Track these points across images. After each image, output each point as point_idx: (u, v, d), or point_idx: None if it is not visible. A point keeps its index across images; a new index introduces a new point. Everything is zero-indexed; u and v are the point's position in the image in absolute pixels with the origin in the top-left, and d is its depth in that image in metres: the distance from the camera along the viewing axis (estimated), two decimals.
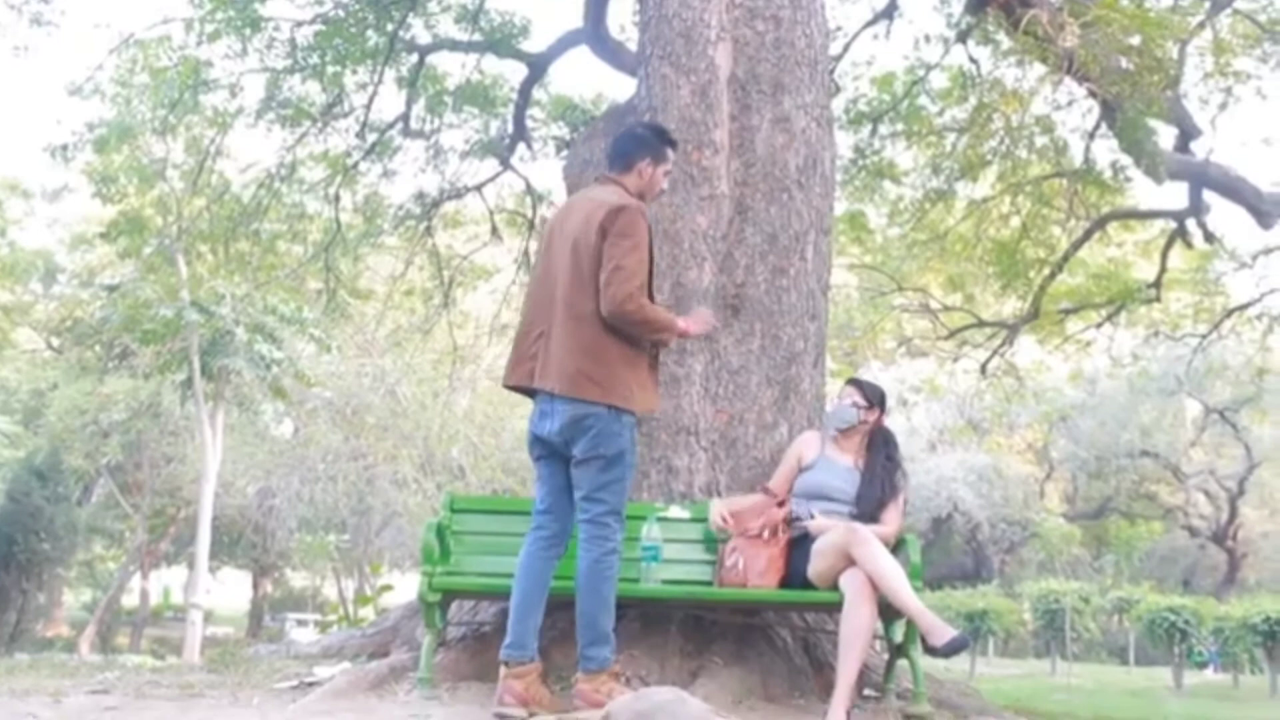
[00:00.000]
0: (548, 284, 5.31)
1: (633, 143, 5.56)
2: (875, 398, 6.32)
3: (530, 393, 5.32)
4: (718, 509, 6.11)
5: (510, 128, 13.84)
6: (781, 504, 6.07)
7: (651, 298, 5.22)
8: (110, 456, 33.00)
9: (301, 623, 38.36)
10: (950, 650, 5.25)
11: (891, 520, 6.02)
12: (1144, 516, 41.82)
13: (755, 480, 6.42)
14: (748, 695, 5.74)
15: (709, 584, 6.06)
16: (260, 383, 27.38)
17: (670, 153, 5.60)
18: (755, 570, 5.84)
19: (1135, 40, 11.50)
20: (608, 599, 5.12)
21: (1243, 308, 19.34)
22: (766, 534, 5.92)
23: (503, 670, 5.19)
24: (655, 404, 5.32)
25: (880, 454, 6.21)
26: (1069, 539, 38.43)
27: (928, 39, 14.75)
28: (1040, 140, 14.44)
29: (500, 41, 13.15)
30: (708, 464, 6.54)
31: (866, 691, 5.92)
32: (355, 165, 14.57)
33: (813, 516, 5.95)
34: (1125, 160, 13.64)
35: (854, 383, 6.43)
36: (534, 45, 13.25)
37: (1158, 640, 26.28)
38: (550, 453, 5.29)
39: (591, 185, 5.67)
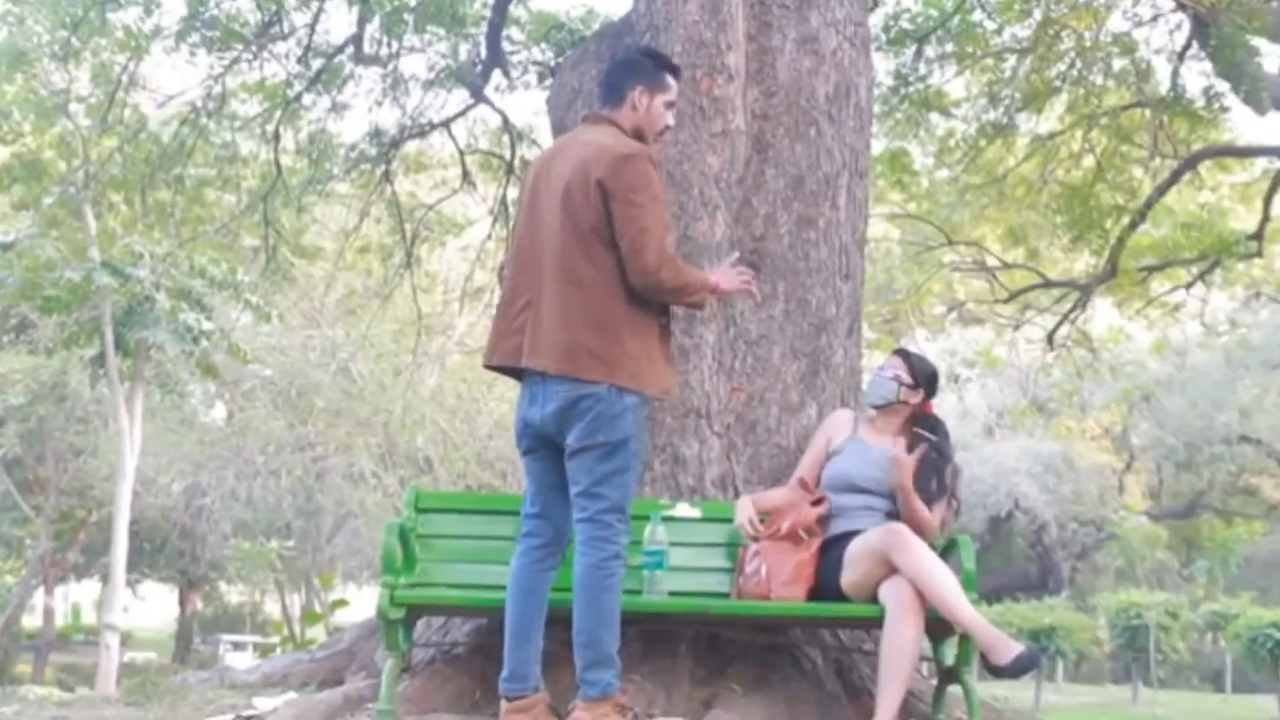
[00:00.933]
0: (534, 245, 5.30)
1: (623, 70, 5.56)
2: (923, 377, 6.32)
3: (517, 374, 5.32)
4: (746, 510, 6.10)
5: (483, 52, 13.80)
6: (818, 501, 6.07)
7: None
8: (6, 449, 32.98)
9: (238, 646, 38.44)
10: (1017, 669, 5.26)
11: (935, 512, 6.02)
12: (1243, 515, 41.83)
13: (778, 472, 6.44)
14: None
15: (725, 595, 6.09)
16: (186, 359, 27.29)
17: (670, 80, 5.57)
18: (780, 578, 5.85)
19: None
20: (610, 612, 5.11)
21: None
22: (803, 534, 5.92)
23: (503, 706, 5.23)
24: (668, 382, 5.32)
25: (920, 438, 6.21)
26: (1153, 541, 38.42)
27: None
28: (1119, 63, 14.41)
29: None
30: (722, 452, 6.56)
31: None
32: (298, 97, 14.54)
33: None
34: (1221, 86, 13.61)
35: (902, 354, 6.43)
36: None
37: (1260, 663, 26.31)
38: (542, 444, 5.30)
39: (580, 126, 5.66)
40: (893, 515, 5.96)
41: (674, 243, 6.64)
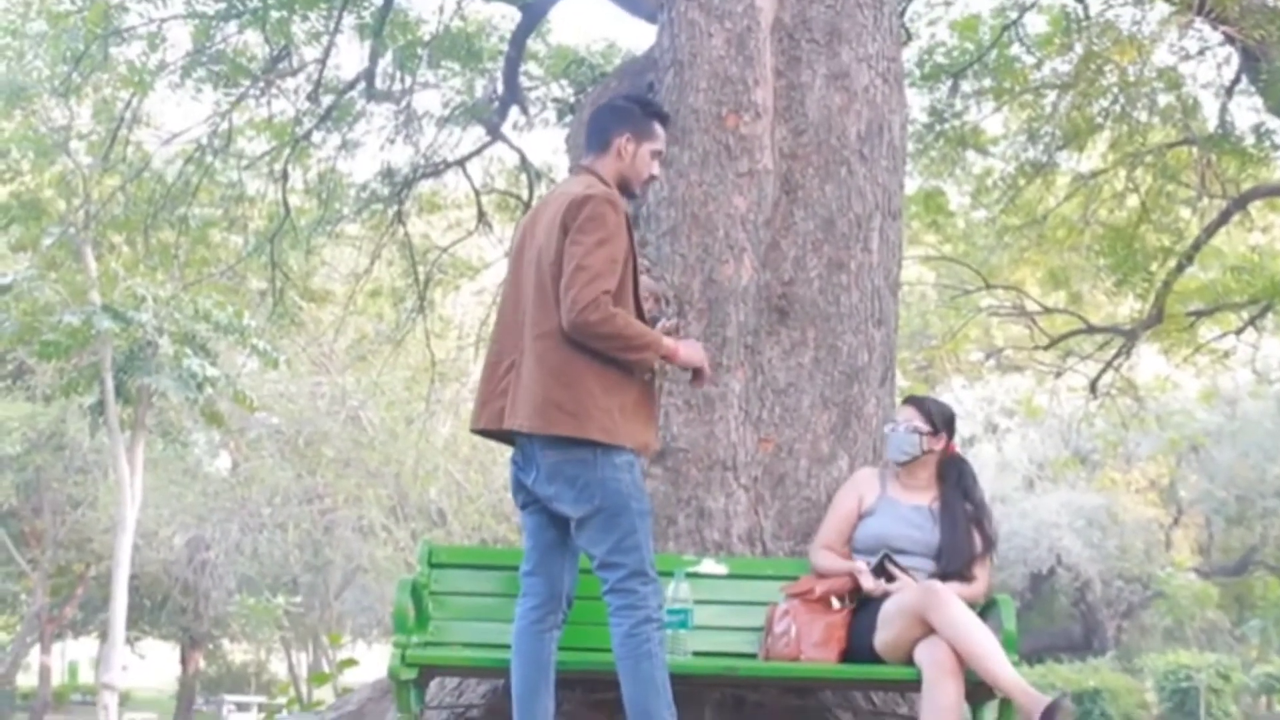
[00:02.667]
0: (518, 305, 5.34)
1: (609, 116, 5.59)
2: (940, 419, 6.31)
3: (505, 437, 5.35)
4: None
5: (500, 88, 13.87)
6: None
7: (639, 310, 5.25)
8: (1, 500, 33.09)
9: (242, 707, 38.52)
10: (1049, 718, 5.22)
11: (981, 576, 6.02)
12: None
13: (808, 526, 6.42)
14: None
15: (753, 656, 6.06)
16: (190, 406, 27.35)
17: (658, 128, 5.58)
18: (811, 640, 5.83)
19: None
20: (652, 679, 5.08)
21: None
22: (835, 602, 5.91)
23: None
24: (647, 438, 5.30)
25: (957, 490, 6.21)
26: (1203, 600, 38.21)
27: None
28: (1164, 99, 14.42)
29: None
30: (749, 506, 6.55)
31: None
32: (307, 135, 14.62)
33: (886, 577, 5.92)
34: (1272, 123, 13.61)
35: (912, 402, 6.43)
36: None
37: None
38: (535, 500, 5.32)
39: (566, 178, 5.70)
40: (938, 576, 5.95)
41: (698, 287, 6.65)
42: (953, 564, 6.00)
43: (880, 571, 5.85)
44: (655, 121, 5.58)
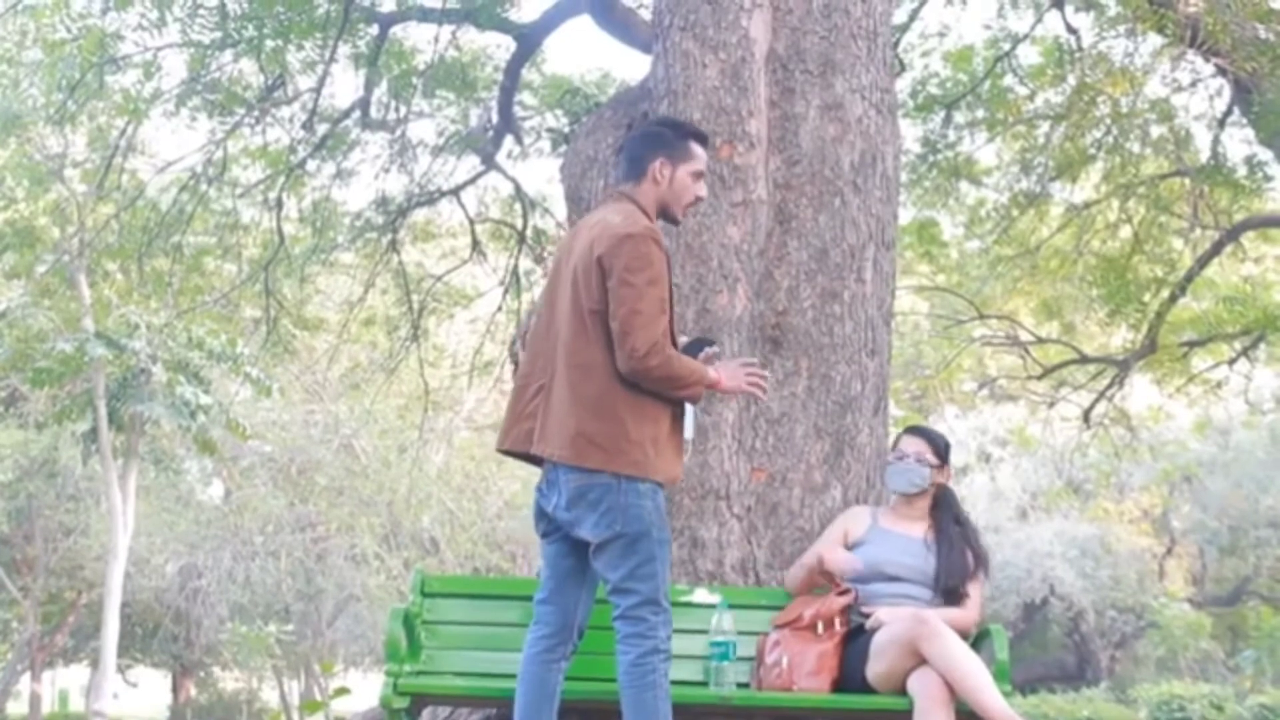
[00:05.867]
0: (551, 328, 5.35)
1: (642, 142, 5.58)
2: (945, 452, 6.35)
3: (531, 458, 5.35)
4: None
5: (495, 117, 13.90)
6: (844, 592, 6.06)
7: (674, 340, 5.24)
8: None
9: None
10: None
11: (974, 597, 6.03)
12: None
13: (800, 555, 6.42)
14: None
15: (746, 686, 6.06)
16: (183, 434, 27.32)
17: (696, 148, 5.55)
18: (803, 670, 5.83)
19: (1277, 3, 11.53)
20: (656, 711, 5.09)
21: None
22: (821, 628, 5.91)
23: None
24: (676, 471, 5.31)
25: (948, 515, 6.24)
26: (1196, 630, 38.09)
27: (1015, 4, 14.81)
28: (1157, 130, 14.46)
29: (481, 9, 13.17)
30: (742, 535, 6.56)
31: None
32: (302, 164, 14.63)
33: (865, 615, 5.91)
34: (1264, 154, 13.64)
35: (918, 432, 6.43)
36: (524, 14, 13.36)
37: None
38: (557, 528, 5.33)
39: (603, 202, 5.68)
40: (935, 602, 5.97)
41: (692, 316, 6.66)
42: (951, 581, 6.04)
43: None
44: (691, 141, 5.55)
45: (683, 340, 5.51)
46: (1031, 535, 38.06)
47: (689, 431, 5.29)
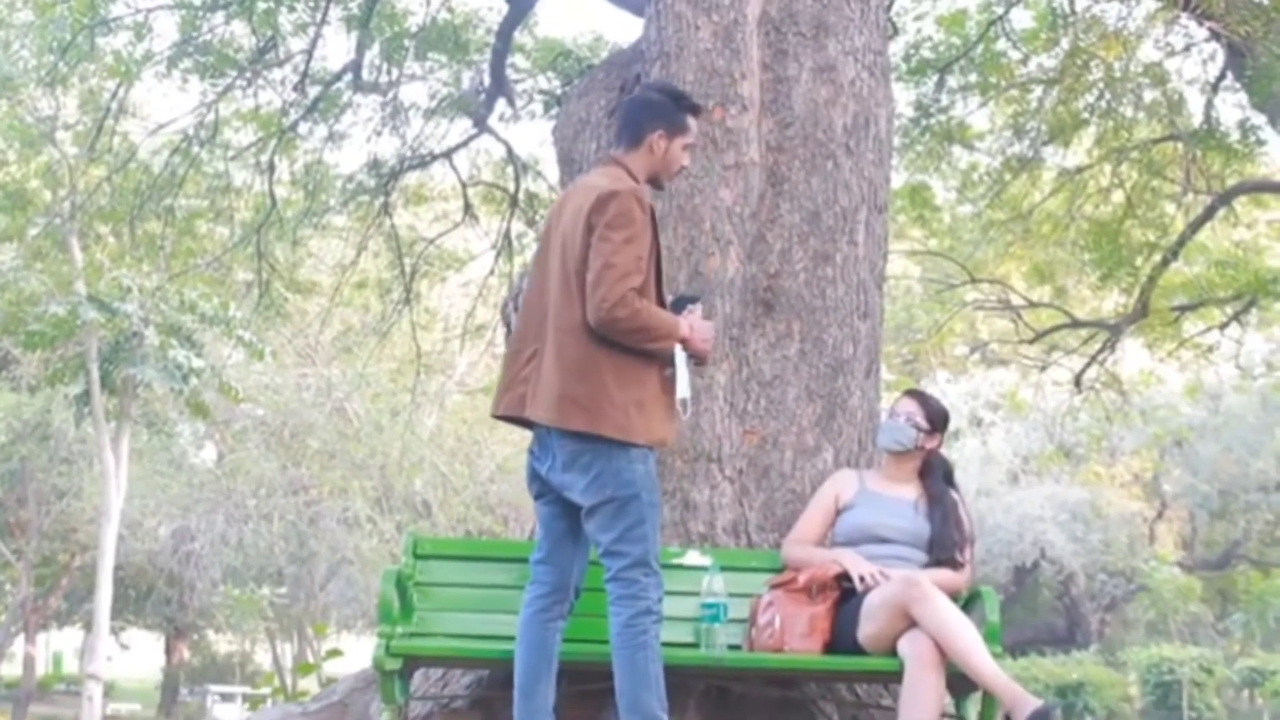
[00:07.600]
0: (543, 293, 5.36)
1: (642, 110, 5.59)
2: (939, 420, 6.34)
3: (525, 422, 5.37)
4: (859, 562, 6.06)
5: (486, 80, 13.85)
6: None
7: (661, 301, 5.26)
8: None
9: (226, 697, 38.34)
10: None
11: (964, 567, 6.04)
12: None
13: (792, 518, 6.42)
14: None
15: (737, 648, 6.07)
16: (175, 397, 27.28)
17: (691, 121, 5.59)
18: (795, 631, 5.84)
19: None
20: (646, 672, 5.11)
21: None
22: (815, 591, 5.92)
23: None
24: (665, 433, 5.31)
25: (941, 483, 6.24)
26: (1186, 594, 38.21)
27: None
28: (1150, 95, 14.43)
29: None
30: (733, 498, 6.55)
31: None
32: (294, 126, 14.60)
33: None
34: (1257, 119, 13.63)
35: (915, 395, 6.43)
36: None
37: None
38: (549, 490, 5.35)
39: (594, 166, 5.68)
40: (930, 565, 5.98)
41: (683, 279, 6.65)
42: (946, 551, 6.05)
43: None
44: (689, 115, 5.58)
45: (669, 299, 5.51)
46: (1022, 499, 38.14)
47: (683, 391, 5.27)
